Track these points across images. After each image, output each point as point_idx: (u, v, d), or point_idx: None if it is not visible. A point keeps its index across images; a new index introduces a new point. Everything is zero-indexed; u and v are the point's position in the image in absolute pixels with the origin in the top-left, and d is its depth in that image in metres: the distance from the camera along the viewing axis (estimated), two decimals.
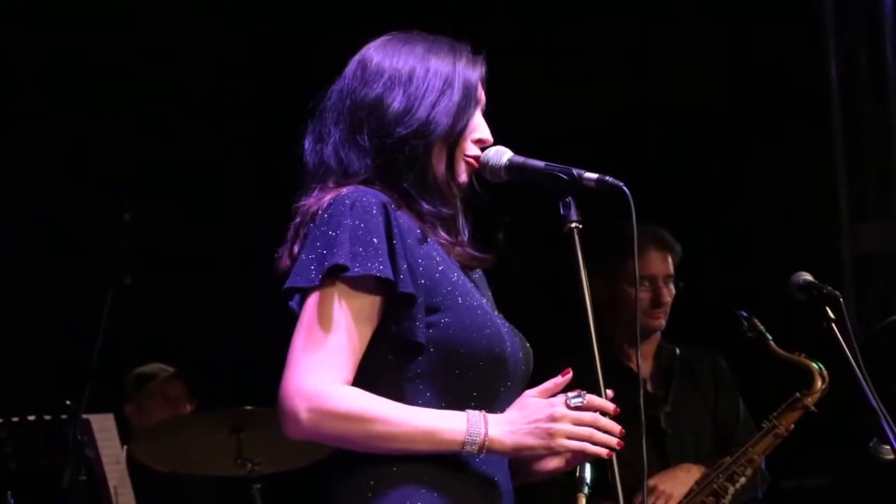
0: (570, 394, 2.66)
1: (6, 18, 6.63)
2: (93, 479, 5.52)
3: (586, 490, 3.92)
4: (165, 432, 5.58)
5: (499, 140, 2.88)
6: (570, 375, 2.70)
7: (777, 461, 5.03)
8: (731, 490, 4.71)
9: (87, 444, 5.50)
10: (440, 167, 2.80)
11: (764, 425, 4.67)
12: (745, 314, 4.53)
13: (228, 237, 7.01)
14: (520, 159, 2.82)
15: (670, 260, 4.96)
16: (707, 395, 5.00)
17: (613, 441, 2.67)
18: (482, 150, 2.85)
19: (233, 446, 5.33)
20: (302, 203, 2.78)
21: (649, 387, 4.97)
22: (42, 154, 6.68)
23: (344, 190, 2.73)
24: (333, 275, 2.65)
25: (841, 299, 3.83)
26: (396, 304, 2.69)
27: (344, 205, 2.69)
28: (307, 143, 2.84)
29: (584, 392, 2.66)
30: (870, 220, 6.99)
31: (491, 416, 2.67)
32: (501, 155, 2.83)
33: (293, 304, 2.71)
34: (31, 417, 5.48)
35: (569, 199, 2.76)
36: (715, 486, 4.72)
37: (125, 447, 5.63)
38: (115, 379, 6.07)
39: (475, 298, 2.76)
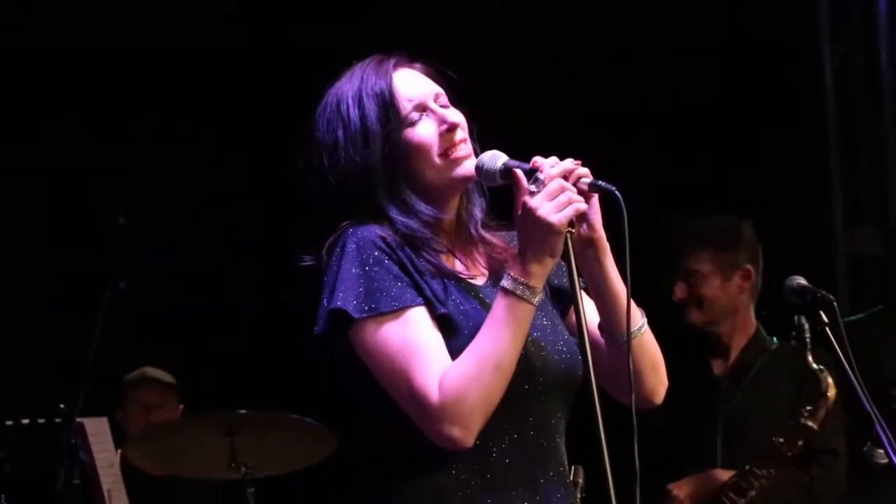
0: (529, 183, 2.71)
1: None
2: (87, 483, 5.51)
3: (579, 493, 3.92)
4: (160, 436, 5.58)
5: (497, 143, 2.87)
6: (519, 175, 2.72)
7: None
8: (742, 501, 4.73)
9: (82, 448, 5.49)
10: (409, 190, 2.82)
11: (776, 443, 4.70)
12: (806, 323, 4.46)
13: (223, 240, 7.01)
14: (515, 162, 2.80)
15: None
16: (788, 395, 4.97)
17: (584, 185, 2.72)
18: (454, 131, 2.83)
19: (227, 450, 5.32)
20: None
21: (725, 381, 5.06)
22: (36, 157, 6.67)
23: (351, 233, 2.77)
24: (371, 315, 2.71)
25: (835, 303, 3.82)
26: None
27: (352, 249, 2.74)
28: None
29: (537, 172, 2.71)
30: (864, 223, 6.98)
31: (514, 272, 2.69)
32: (496, 159, 2.81)
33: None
34: (26, 421, 5.48)
35: None
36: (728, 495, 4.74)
37: (119, 451, 5.63)
38: (109, 383, 6.06)
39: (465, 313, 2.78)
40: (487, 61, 6.44)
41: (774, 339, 5.11)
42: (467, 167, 2.84)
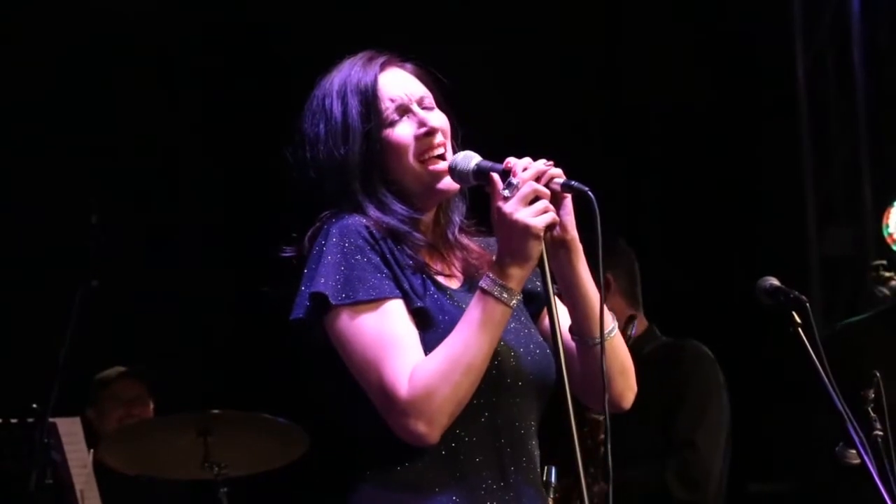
0: (502, 188, 2.71)
1: None
2: (59, 483, 5.49)
3: (552, 493, 3.93)
4: (132, 435, 5.57)
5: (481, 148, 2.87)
6: (495, 179, 2.72)
7: (743, 464, 5.04)
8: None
9: (54, 448, 5.47)
10: (385, 189, 2.82)
11: None
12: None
13: (196, 239, 6.99)
14: (488, 164, 2.80)
15: None
16: (660, 395, 4.99)
17: (557, 186, 2.71)
18: (433, 135, 2.84)
19: (200, 449, 5.31)
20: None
21: None
22: (9, 155, 6.65)
23: (334, 221, 2.77)
24: (348, 303, 2.70)
25: (808, 304, 3.83)
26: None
27: (335, 236, 2.74)
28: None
29: (510, 176, 2.71)
30: (837, 224, 7.01)
31: (493, 273, 2.70)
32: (469, 160, 2.82)
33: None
34: None
35: None
36: None
37: (92, 450, 5.62)
38: (82, 382, 6.05)
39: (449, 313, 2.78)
40: (482, 61, 6.46)
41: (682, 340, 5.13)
42: (447, 183, 2.84)
